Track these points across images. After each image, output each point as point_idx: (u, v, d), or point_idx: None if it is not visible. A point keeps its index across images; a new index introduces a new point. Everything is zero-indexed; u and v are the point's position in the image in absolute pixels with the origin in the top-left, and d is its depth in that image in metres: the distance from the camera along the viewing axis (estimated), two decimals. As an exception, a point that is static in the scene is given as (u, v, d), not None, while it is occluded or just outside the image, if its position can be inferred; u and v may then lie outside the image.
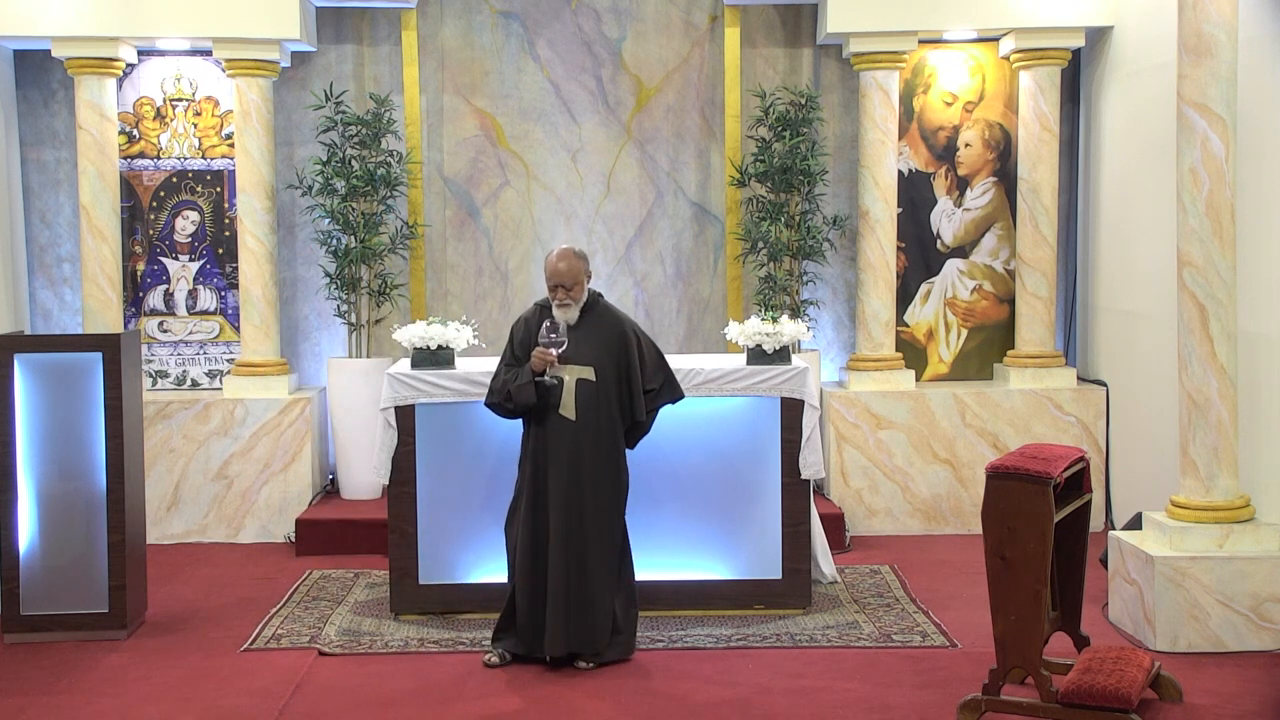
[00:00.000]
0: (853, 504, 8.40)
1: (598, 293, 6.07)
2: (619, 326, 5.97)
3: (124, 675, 5.91)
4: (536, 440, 5.94)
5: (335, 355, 8.92)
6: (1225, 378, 6.11)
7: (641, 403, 5.97)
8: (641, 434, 6.11)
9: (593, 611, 5.88)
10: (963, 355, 8.95)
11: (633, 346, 5.95)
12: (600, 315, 5.99)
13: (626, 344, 5.94)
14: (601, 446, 5.91)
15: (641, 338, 6.04)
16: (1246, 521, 6.17)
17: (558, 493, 5.88)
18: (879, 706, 5.41)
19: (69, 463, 6.38)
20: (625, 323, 6.01)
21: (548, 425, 5.91)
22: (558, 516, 5.88)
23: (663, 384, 6.06)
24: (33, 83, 8.87)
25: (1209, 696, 5.47)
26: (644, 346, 6.02)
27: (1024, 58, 8.49)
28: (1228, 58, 6.05)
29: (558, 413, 5.88)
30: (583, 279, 5.93)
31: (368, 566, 7.64)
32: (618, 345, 5.93)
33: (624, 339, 5.94)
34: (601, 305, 6.05)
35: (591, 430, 5.89)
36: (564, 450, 5.89)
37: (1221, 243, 6.09)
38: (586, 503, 5.89)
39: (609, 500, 5.95)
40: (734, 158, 8.93)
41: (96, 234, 8.43)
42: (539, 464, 5.91)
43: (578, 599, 5.87)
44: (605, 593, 5.91)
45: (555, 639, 5.86)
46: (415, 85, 8.97)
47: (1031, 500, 5.01)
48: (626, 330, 5.97)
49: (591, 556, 5.89)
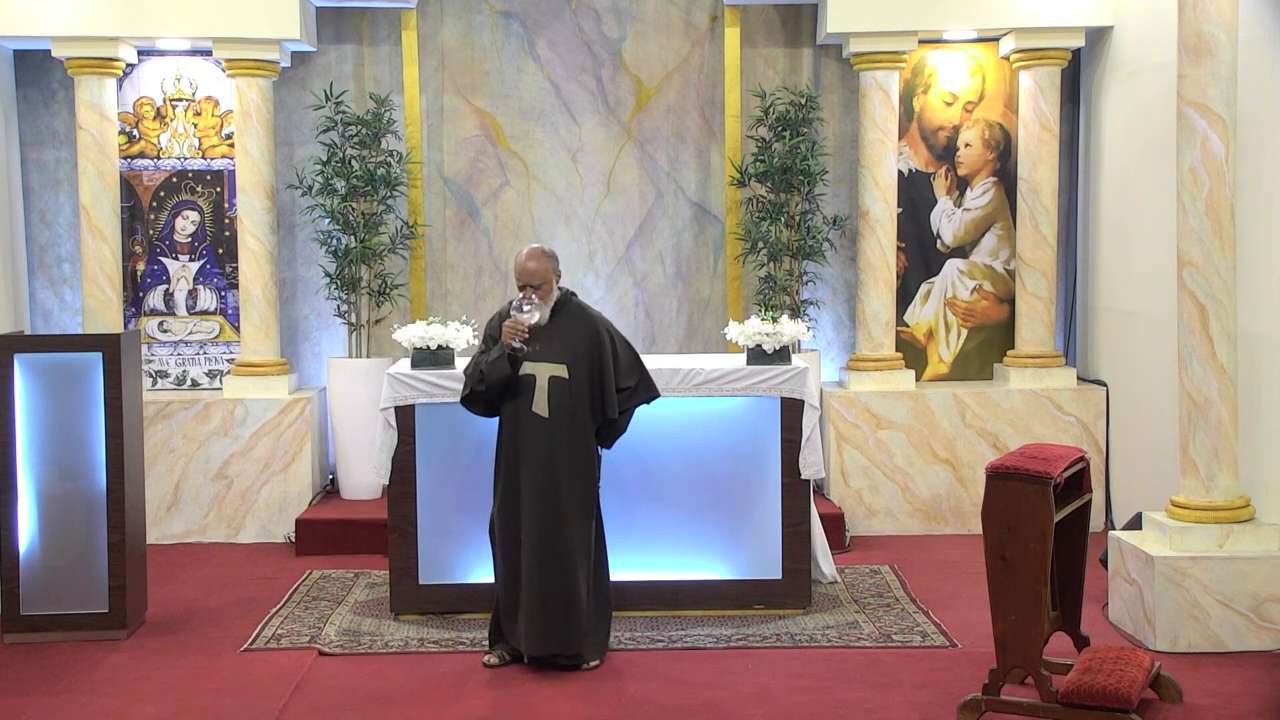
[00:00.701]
0: (853, 504, 8.40)
1: (570, 291, 6.08)
2: (591, 324, 5.99)
3: (124, 675, 5.91)
4: (509, 438, 5.95)
5: (335, 355, 8.92)
6: (1225, 378, 6.11)
7: (614, 400, 5.96)
8: (616, 433, 6.08)
9: (570, 611, 5.86)
10: (963, 355, 8.95)
11: (605, 344, 5.96)
12: (572, 313, 6.01)
13: (599, 342, 5.95)
14: (575, 444, 5.92)
15: (615, 336, 6.04)
16: (1246, 521, 6.17)
17: (531, 491, 5.88)
18: (879, 706, 5.41)
19: (69, 463, 6.38)
20: (598, 320, 6.03)
21: (521, 423, 5.91)
22: (532, 515, 5.88)
23: (638, 383, 6.05)
24: (33, 83, 8.87)
25: (1209, 696, 5.47)
26: (617, 345, 6.02)
27: (1024, 58, 8.49)
28: (1228, 58, 6.05)
29: (531, 410, 5.89)
30: (551, 278, 5.95)
31: (368, 566, 7.65)
32: (590, 343, 5.95)
33: (596, 337, 5.96)
34: (574, 304, 6.06)
35: (565, 428, 5.90)
36: (538, 448, 5.89)
37: (1221, 243, 6.09)
38: (562, 500, 5.88)
39: (582, 498, 5.95)
40: (734, 158, 8.93)
41: (96, 234, 8.43)
42: (512, 462, 5.92)
43: (554, 598, 5.86)
44: (582, 592, 5.90)
45: (533, 638, 5.86)
46: (415, 85, 8.97)
47: (1031, 500, 5.01)
48: (599, 328, 5.99)
49: (567, 554, 5.87)
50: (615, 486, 6.61)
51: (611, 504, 6.56)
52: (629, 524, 6.63)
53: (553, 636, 5.85)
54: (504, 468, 5.96)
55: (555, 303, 5.97)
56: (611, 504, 6.56)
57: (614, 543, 6.48)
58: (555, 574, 5.86)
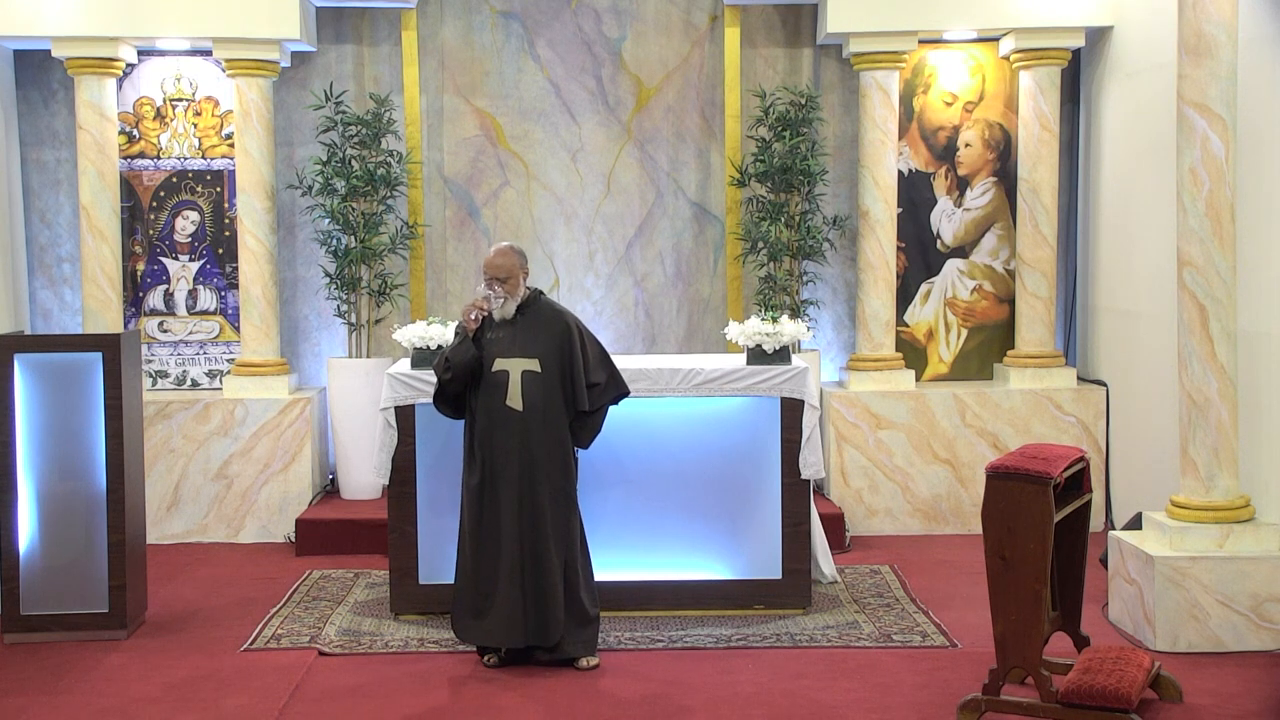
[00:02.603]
0: (853, 504, 8.40)
1: (538, 290, 6.15)
2: (560, 320, 6.05)
3: (124, 675, 5.91)
4: (484, 433, 5.96)
5: (335, 355, 8.92)
6: (1225, 378, 6.11)
7: (584, 394, 6.00)
8: (591, 432, 6.10)
9: (548, 602, 5.90)
10: (963, 355, 8.95)
11: (575, 339, 6.02)
12: (541, 310, 6.08)
13: (569, 336, 6.01)
14: (550, 437, 5.96)
15: (584, 332, 6.08)
16: (1246, 521, 6.17)
17: (509, 485, 5.92)
18: (879, 706, 5.41)
19: (69, 463, 6.38)
20: (566, 315, 6.09)
21: (495, 419, 5.94)
22: (510, 509, 5.91)
23: (607, 380, 6.09)
24: (33, 83, 8.87)
25: (1209, 696, 5.47)
26: (586, 341, 6.07)
27: (1024, 58, 8.49)
28: (1228, 58, 6.05)
29: (505, 405, 5.93)
30: (518, 274, 6.03)
31: (368, 566, 7.65)
32: (560, 338, 6.01)
33: (566, 331, 6.02)
34: (543, 301, 6.13)
35: (539, 421, 5.94)
36: (514, 442, 5.93)
37: (1221, 243, 6.09)
38: (540, 493, 5.92)
39: (560, 491, 5.98)
40: (734, 158, 8.93)
41: (96, 234, 8.43)
42: (487, 459, 5.95)
43: (532, 590, 5.90)
44: (558, 583, 5.93)
45: (513, 632, 5.89)
46: (415, 85, 8.97)
47: (1031, 500, 5.01)
48: (569, 323, 6.04)
49: (545, 547, 5.92)
50: (615, 486, 6.62)
51: (612, 504, 6.58)
52: (629, 524, 6.64)
53: (532, 629, 5.90)
54: (478, 465, 5.99)
55: (524, 300, 6.04)
56: (612, 504, 6.58)
57: (614, 542, 6.50)
58: (533, 566, 5.91)
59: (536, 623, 5.90)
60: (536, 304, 6.08)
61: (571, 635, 5.95)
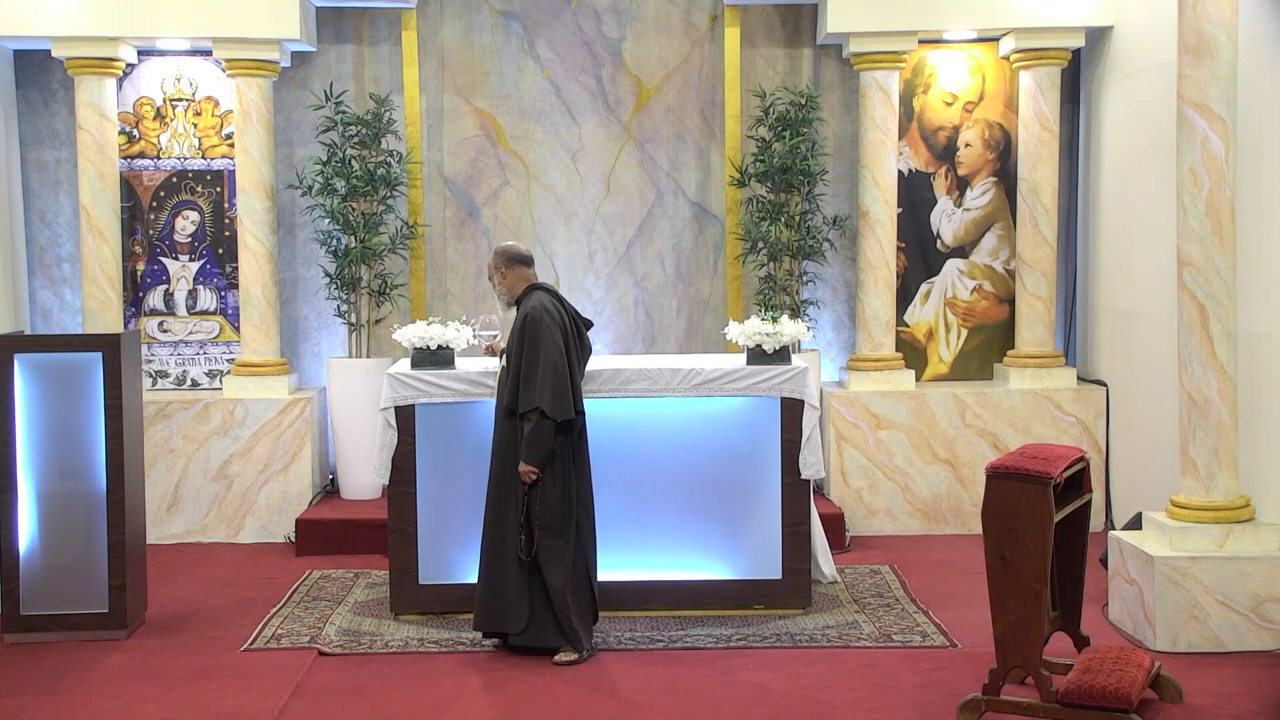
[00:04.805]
0: (853, 504, 8.40)
1: (535, 284, 6.24)
2: (520, 316, 6.13)
3: (124, 675, 5.91)
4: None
5: (335, 355, 8.92)
6: (1225, 378, 6.11)
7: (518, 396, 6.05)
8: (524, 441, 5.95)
9: (500, 589, 6.06)
10: (963, 355, 8.95)
11: (522, 337, 6.04)
12: (521, 306, 6.20)
13: (520, 333, 6.07)
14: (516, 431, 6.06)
15: (530, 332, 5.99)
16: (1246, 521, 6.17)
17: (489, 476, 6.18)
18: (879, 706, 5.41)
19: (69, 463, 6.38)
20: (528, 311, 6.07)
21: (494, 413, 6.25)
22: (488, 498, 6.18)
23: (524, 389, 5.99)
24: (33, 83, 8.87)
25: (1209, 696, 5.47)
26: (526, 341, 6.01)
27: (1024, 58, 8.49)
28: (1228, 58, 6.05)
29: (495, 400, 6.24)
30: (495, 274, 6.25)
31: (368, 566, 7.65)
32: (516, 334, 6.11)
33: (520, 328, 6.09)
34: (532, 297, 6.19)
35: (504, 415, 6.12)
36: (494, 437, 6.20)
37: (1221, 243, 6.09)
38: (503, 484, 6.09)
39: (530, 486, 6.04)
40: (734, 158, 8.93)
41: (96, 234, 8.43)
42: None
43: (485, 575, 6.11)
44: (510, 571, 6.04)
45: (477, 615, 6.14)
46: (415, 85, 8.97)
47: (1031, 500, 5.01)
48: (523, 320, 6.08)
49: (501, 534, 6.08)
50: (615, 486, 6.62)
51: (612, 504, 6.57)
52: (630, 524, 6.64)
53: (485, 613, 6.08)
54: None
55: (519, 296, 6.23)
56: (612, 504, 6.57)
57: (614, 543, 6.50)
58: (490, 552, 6.11)
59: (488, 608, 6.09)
60: (524, 299, 6.20)
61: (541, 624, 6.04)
